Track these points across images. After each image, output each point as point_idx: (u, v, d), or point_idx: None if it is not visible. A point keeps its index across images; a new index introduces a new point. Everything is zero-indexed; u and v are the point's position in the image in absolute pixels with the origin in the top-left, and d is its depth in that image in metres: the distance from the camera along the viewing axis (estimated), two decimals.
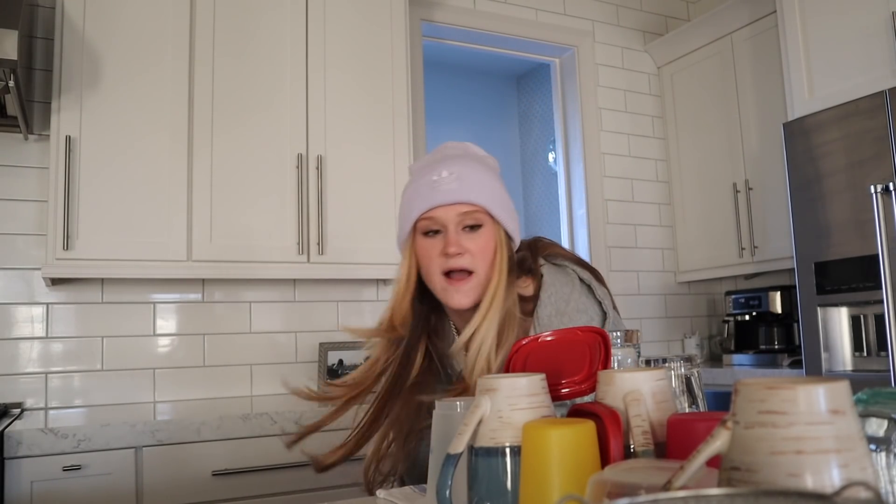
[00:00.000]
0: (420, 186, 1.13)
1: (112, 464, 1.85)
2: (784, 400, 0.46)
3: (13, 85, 1.95)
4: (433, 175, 1.11)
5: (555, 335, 0.83)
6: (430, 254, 1.12)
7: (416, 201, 1.13)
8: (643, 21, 3.74)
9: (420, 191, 1.12)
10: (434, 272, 1.12)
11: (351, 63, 2.62)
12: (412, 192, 1.14)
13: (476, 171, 1.13)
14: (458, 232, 1.11)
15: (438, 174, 1.11)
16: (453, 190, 1.10)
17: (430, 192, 1.11)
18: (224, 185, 2.37)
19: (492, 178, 1.15)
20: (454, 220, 1.11)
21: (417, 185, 1.14)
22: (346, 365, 2.68)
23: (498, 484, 0.68)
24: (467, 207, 1.11)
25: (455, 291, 1.11)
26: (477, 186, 1.11)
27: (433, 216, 1.11)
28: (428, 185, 1.11)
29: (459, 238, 1.11)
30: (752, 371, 3.05)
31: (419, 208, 1.12)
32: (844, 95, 2.55)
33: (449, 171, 1.11)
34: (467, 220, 1.11)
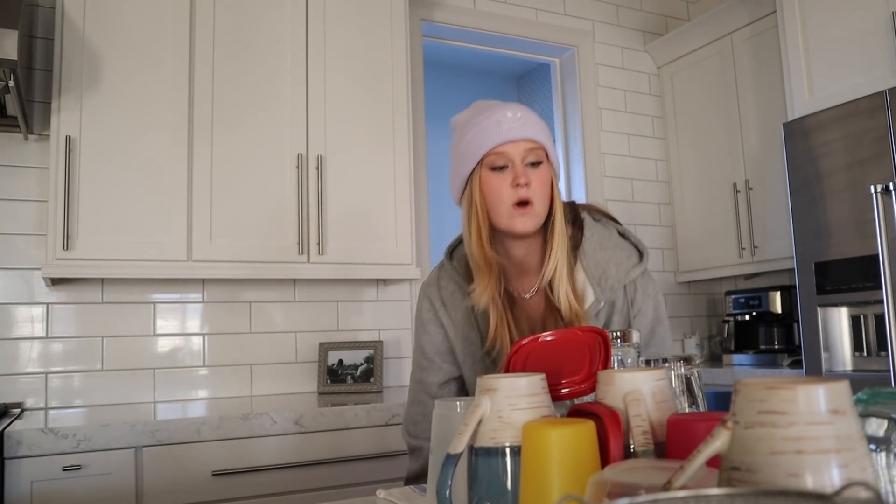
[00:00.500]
0: (487, 125, 1.21)
1: (112, 464, 1.85)
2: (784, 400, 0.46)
3: (13, 85, 1.95)
4: (498, 115, 1.20)
5: (555, 335, 0.83)
6: (500, 186, 1.20)
7: (483, 138, 1.20)
8: (643, 21, 3.74)
9: (487, 129, 1.20)
10: (504, 202, 1.20)
11: (351, 63, 2.62)
12: (477, 132, 1.21)
13: (533, 114, 1.24)
14: (524, 166, 1.20)
15: (503, 114, 1.20)
16: (520, 128, 1.20)
17: (498, 130, 1.19)
18: (224, 185, 2.37)
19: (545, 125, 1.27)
20: (520, 155, 1.20)
21: (483, 125, 1.21)
22: (345, 365, 2.68)
23: (498, 484, 0.68)
24: (532, 144, 1.21)
25: (521, 216, 1.20)
26: (538, 127, 1.23)
27: (502, 151, 1.20)
28: (495, 124, 1.20)
29: (527, 171, 1.20)
30: (752, 371, 3.05)
31: (488, 144, 1.20)
32: (844, 95, 2.55)
33: (513, 112, 1.21)
34: (531, 156, 1.21)
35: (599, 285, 1.26)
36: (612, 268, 1.27)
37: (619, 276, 1.26)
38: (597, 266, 1.27)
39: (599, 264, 1.27)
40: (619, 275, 1.27)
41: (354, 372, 2.68)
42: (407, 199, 2.64)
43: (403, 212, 2.63)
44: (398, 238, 2.62)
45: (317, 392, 2.67)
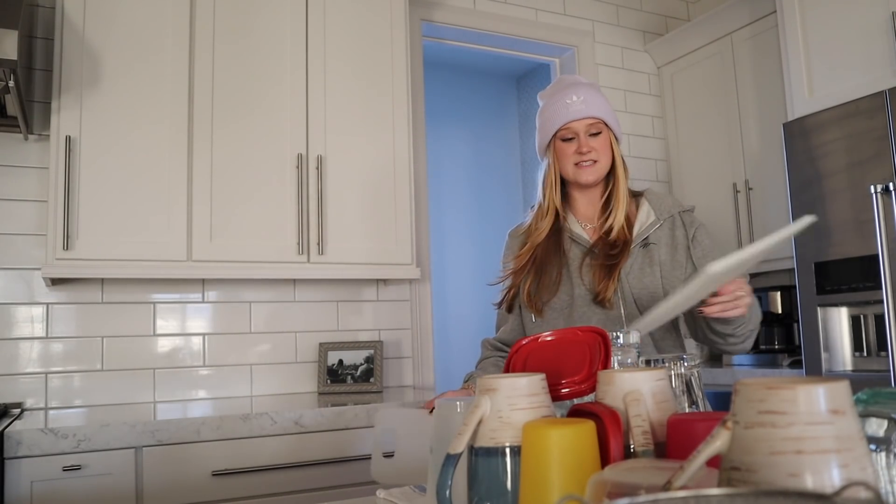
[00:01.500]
0: (557, 107, 1.62)
1: (112, 464, 1.85)
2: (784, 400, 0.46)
3: (13, 85, 1.95)
4: (566, 99, 1.61)
5: (555, 335, 0.83)
6: (567, 153, 1.62)
7: (555, 118, 1.61)
8: (643, 21, 3.74)
9: (559, 111, 1.61)
10: (568, 165, 1.62)
11: (351, 63, 2.62)
12: (551, 112, 1.63)
13: (594, 94, 1.63)
14: (586, 137, 1.60)
15: (570, 98, 1.60)
16: (582, 110, 1.59)
17: (566, 111, 1.60)
18: (224, 184, 2.37)
19: (605, 99, 1.65)
20: (583, 129, 1.60)
21: (554, 106, 1.62)
22: (346, 365, 2.68)
23: (498, 484, 0.68)
24: (592, 120, 1.60)
25: (583, 172, 1.61)
26: (597, 105, 1.61)
27: (569, 127, 1.60)
28: (564, 107, 1.60)
29: (588, 141, 1.60)
30: (752, 371, 3.05)
31: (559, 122, 1.60)
32: (844, 95, 2.55)
33: (577, 96, 1.60)
34: (592, 129, 1.60)
35: (659, 210, 1.64)
36: (668, 199, 1.67)
37: (674, 204, 1.66)
38: (658, 199, 1.67)
39: (659, 197, 1.68)
40: (675, 206, 1.66)
41: (354, 372, 2.68)
42: (407, 199, 2.64)
43: (403, 212, 2.63)
44: (398, 238, 2.62)
45: (317, 392, 2.67)
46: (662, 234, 1.62)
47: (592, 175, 1.61)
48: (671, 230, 1.63)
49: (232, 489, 1.97)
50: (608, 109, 1.65)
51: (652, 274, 1.57)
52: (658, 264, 1.58)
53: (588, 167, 1.61)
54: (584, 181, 1.62)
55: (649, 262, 1.58)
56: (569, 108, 1.60)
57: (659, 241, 1.61)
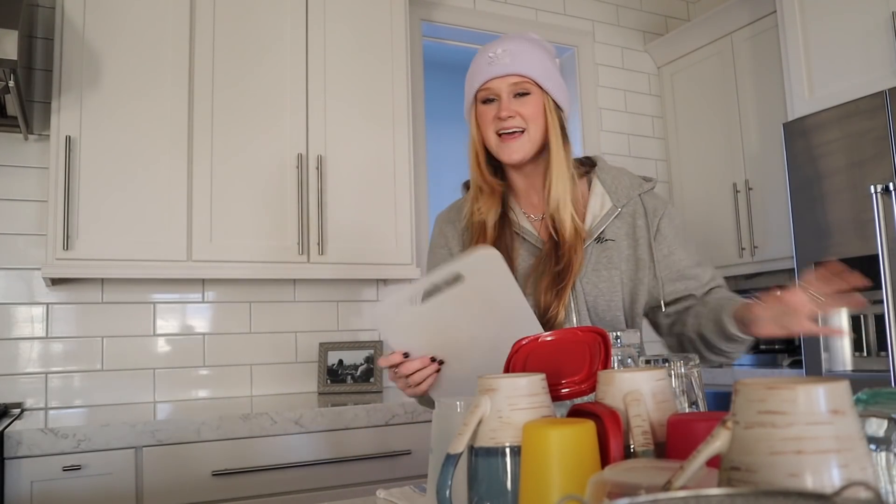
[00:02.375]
0: (479, 63, 1.32)
1: (112, 464, 1.85)
2: (784, 400, 0.46)
3: (13, 85, 1.95)
4: (489, 52, 1.32)
5: (555, 335, 0.83)
6: (487, 118, 1.32)
7: (475, 75, 1.33)
8: (643, 21, 3.74)
9: (479, 66, 1.32)
10: (490, 134, 1.32)
11: (351, 63, 2.62)
12: (473, 68, 1.34)
13: (526, 49, 1.32)
14: (509, 99, 1.29)
15: (494, 51, 1.31)
16: (506, 64, 1.29)
17: (487, 67, 1.30)
18: (224, 184, 2.37)
19: (542, 55, 1.33)
20: (506, 90, 1.30)
21: (477, 62, 1.33)
22: (345, 365, 2.68)
23: (498, 484, 0.68)
24: (517, 79, 1.29)
25: (506, 147, 1.30)
26: (527, 61, 1.30)
27: (489, 87, 1.30)
28: (485, 62, 1.31)
29: (511, 104, 1.29)
30: (752, 371, 3.05)
31: (478, 81, 1.32)
32: (844, 95, 2.55)
33: (503, 49, 1.30)
34: (517, 88, 1.30)
35: (615, 193, 1.35)
36: (625, 180, 1.38)
37: (632, 186, 1.37)
38: (612, 179, 1.37)
39: (615, 178, 1.38)
40: (633, 185, 1.37)
41: (354, 372, 2.68)
42: (407, 199, 2.64)
43: (403, 212, 2.63)
44: (398, 238, 2.61)
45: (317, 392, 2.67)
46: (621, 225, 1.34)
47: (518, 151, 1.29)
48: (632, 219, 1.35)
49: (232, 489, 1.97)
50: (544, 67, 1.32)
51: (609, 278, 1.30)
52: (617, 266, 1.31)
53: (511, 139, 1.28)
54: (507, 158, 1.30)
55: (606, 262, 1.31)
56: (490, 64, 1.30)
57: (618, 235, 1.33)
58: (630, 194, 1.36)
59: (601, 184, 1.37)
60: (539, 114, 1.30)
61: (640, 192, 1.37)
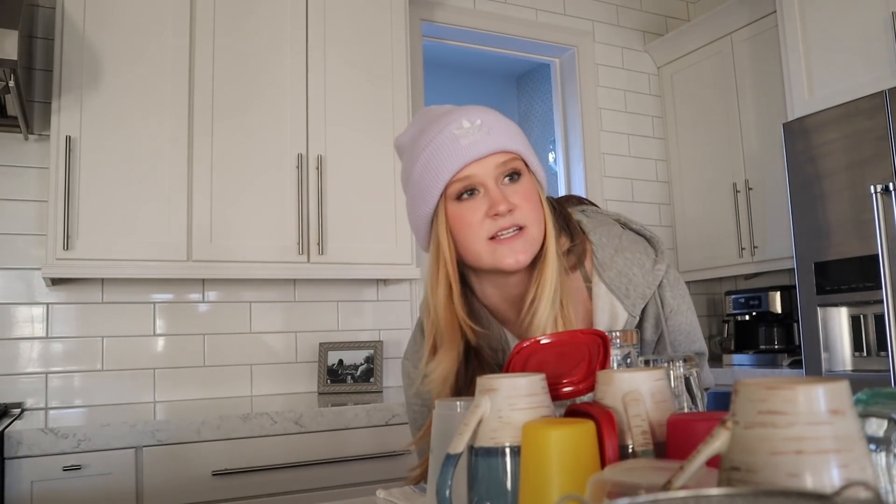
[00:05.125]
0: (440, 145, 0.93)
1: (112, 464, 1.85)
2: (784, 400, 0.46)
3: (13, 85, 1.95)
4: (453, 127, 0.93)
5: (554, 337, 0.83)
6: (472, 219, 0.94)
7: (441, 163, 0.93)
8: (643, 21, 3.74)
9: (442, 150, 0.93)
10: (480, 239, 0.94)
11: (351, 63, 2.62)
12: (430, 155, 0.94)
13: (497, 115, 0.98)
14: (499, 187, 0.94)
15: (460, 125, 0.93)
16: (484, 139, 0.93)
17: (457, 148, 0.92)
18: (224, 185, 2.37)
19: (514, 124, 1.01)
20: (492, 174, 0.94)
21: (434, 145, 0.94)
22: (345, 365, 2.68)
23: (498, 484, 0.68)
24: (504, 157, 0.94)
25: (509, 249, 0.93)
26: (506, 131, 0.96)
27: (468, 174, 0.93)
28: (451, 141, 0.92)
29: (505, 192, 0.94)
30: (752, 371, 3.05)
31: (448, 170, 0.92)
32: (844, 95, 2.55)
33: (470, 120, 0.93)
34: (506, 170, 0.95)
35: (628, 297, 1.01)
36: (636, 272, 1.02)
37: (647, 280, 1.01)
38: (620, 276, 1.02)
39: (623, 273, 1.02)
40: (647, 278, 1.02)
41: (354, 372, 2.68)
42: None
43: (403, 212, 2.62)
44: (398, 238, 2.61)
45: (317, 392, 2.67)
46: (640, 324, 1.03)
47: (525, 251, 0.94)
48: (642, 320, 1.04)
49: (232, 489, 1.97)
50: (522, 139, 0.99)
51: None
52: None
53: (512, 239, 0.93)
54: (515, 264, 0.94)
55: None
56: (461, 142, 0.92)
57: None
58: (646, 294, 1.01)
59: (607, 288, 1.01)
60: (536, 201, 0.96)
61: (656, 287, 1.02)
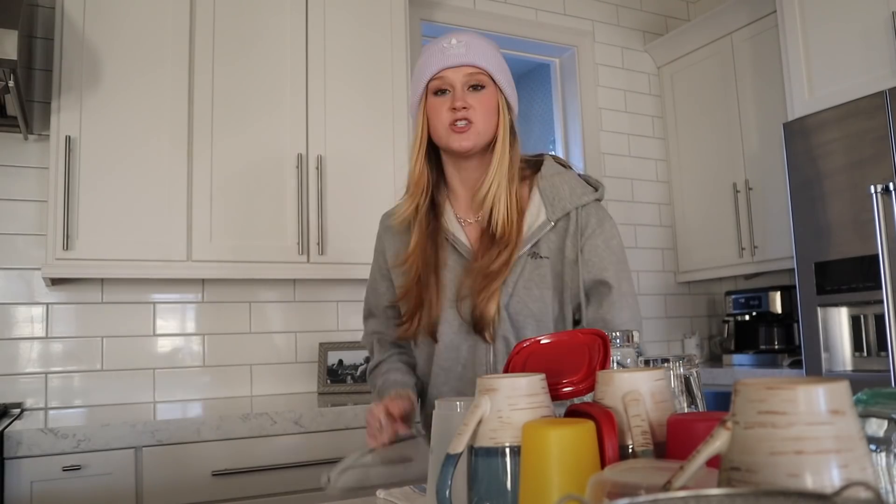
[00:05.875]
0: (432, 52, 1.28)
1: (112, 464, 1.85)
2: (784, 400, 0.46)
3: (13, 85, 1.95)
4: (444, 42, 1.27)
5: (554, 337, 0.83)
6: (440, 109, 1.26)
7: (428, 65, 1.27)
8: (643, 21, 3.74)
9: (433, 56, 1.27)
10: (442, 124, 1.27)
11: (351, 63, 2.62)
12: (425, 58, 1.29)
13: (481, 42, 1.29)
14: (464, 91, 1.26)
15: (448, 42, 1.27)
16: (461, 54, 1.25)
17: (441, 57, 1.26)
18: (224, 184, 2.37)
19: (495, 51, 1.31)
20: (461, 80, 1.26)
21: (430, 51, 1.28)
22: (345, 365, 2.68)
23: (498, 484, 0.68)
24: (472, 70, 1.26)
25: (457, 136, 1.25)
26: (482, 53, 1.27)
27: (443, 76, 1.26)
28: (439, 51, 1.26)
29: (465, 95, 1.25)
30: (752, 371, 3.05)
31: (431, 70, 1.26)
32: (844, 95, 2.55)
33: (458, 40, 1.27)
34: (472, 80, 1.26)
35: (552, 205, 1.28)
36: (565, 189, 1.29)
37: (571, 198, 1.28)
38: (552, 188, 1.30)
39: (554, 186, 1.30)
40: (573, 197, 1.29)
41: (354, 372, 2.68)
42: None
43: None
44: None
45: (317, 392, 2.67)
46: (554, 240, 1.27)
47: (468, 140, 1.24)
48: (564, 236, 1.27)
49: (232, 489, 1.96)
50: (498, 62, 1.29)
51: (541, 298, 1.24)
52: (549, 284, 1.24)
53: (463, 129, 1.24)
54: (458, 146, 1.25)
55: (539, 280, 1.24)
56: (444, 53, 1.25)
57: (551, 251, 1.26)
58: (566, 206, 1.27)
59: (539, 192, 1.29)
60: (493, 109, 1.27)
61: (578, 206, 1.28)
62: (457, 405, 0.81)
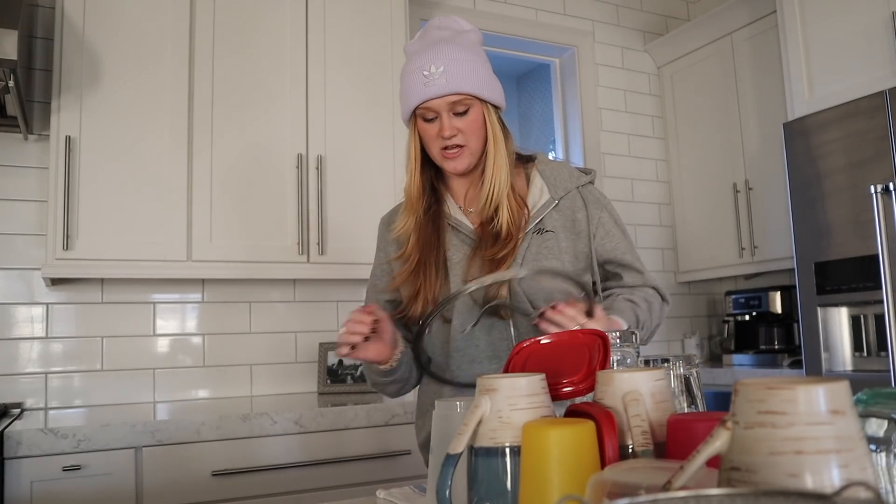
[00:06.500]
0: (414, 82, 1.31)
1: (112, 464, 1.85)
2: (784, 400, 0.46)
3: (13, 85, 1.95)
4: (424, 70, 1.30)
5: (554, 337, 0.83)
6: (430, 135, 1.34)
7: (412, 94, 1.31)
8: (643, 21, 3.74)
9: (415, 85, 1.31)
10: (435, 149, 1.34)
11: (351, 63, 2.62)
12: (407, 84, 1.33)
13: (458, 59, 1.30)
14: (450, 117, 1.30)
15: (429, 69, 1.29)
16: (442, 84, 1.28)
17: (423, 87, 1.29)
18: (224, 184, 2.37)
19: (475, 61, 1.33)
20: (445, 108, 1.30)
21: (412, 79, 1.32)
22: (345, 365, 2.68)
23: (498, 484, 0.68)
24: (455, 97, 1.29)
25: (451, 160, 1.33)
26: (462, 76, 1.29)
27: (428, 106, 1.30)
28: (421, 81, 1.30)
29: (452, 122, 1.30)
30: (752, 371, 3.05)
31: (415, 100, 1.31)
32: (844, 95, 2.55)
33: (436, 67, 1.29)
34: (457, 107, 1.30)
35: (554, 185, 1.37)
36: (564, 172, 1.40)
37: (571, 179, 1.39)
38: (551, 171, 1.40)
39: (554, 169, 1.40)
40: (572, 178, 1.39)
41: (354, 372, 2.68)
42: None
43: None
44: None
45: (317, 392, 2.67)
46: (559, 217, 1.36)
47: (461, 163, 1.33)
48: (571, 213, 1.37)
49: (232, 489, 1.97)
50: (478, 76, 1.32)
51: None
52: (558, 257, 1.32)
53: (454, 155, 1.32)
54: (452, 170, 1.34)
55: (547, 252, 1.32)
56: (426, 84, 1.29)
57: (556, 227, 1.35)
58: (568, 186, 1.38)
59: (540, 175, 1.39)
60: (479, 127, 1.33)
61: (579, 185, 1.39)
62: (457, 405, 0.81)
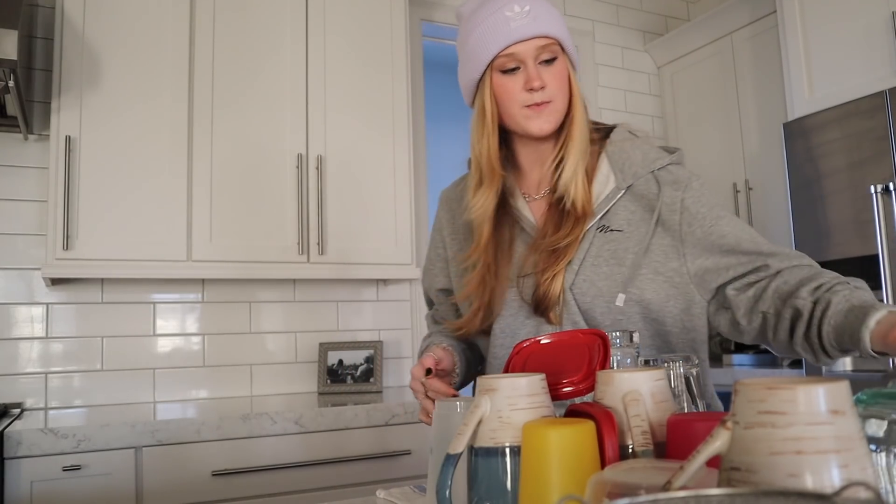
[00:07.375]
0: (495, 23, 1.10)
1: (112, 464, 1.85)
2: (784, 400, 0.46)
3: (13, 85, 1.94)
4: (506, 10, 1.10)
5: (554, 337, 0.83)
6: (512, 89, 1.12)
7: (491, 38, 1.11)
8: (643, 21, 3.74)
9: (496, 27, 1.10)
10: (516, 106, 1.13)
11: (351, 63, 2.62)
12: (484, 29, 1.12)
13: (545, 3, 1.14)
14: (536, 66, 1.11)
15: (511, 9, 1.10)
16: (529, 24, 1.09)
17: (507, 29, 1.09)
18: (224, 184, 2.37)
19: (559, 11, 1.17)
20: (532, 55, 1.11)
21: (489, 22, 1.11)
22: (345, 365, 2.68)
23: (498, 484, 0.68)
24: (544, 41, 1.11)
25: (537, 117, 1.12)
26: (550, 18, 1.12)
27: (512, 52, 1.10)
28: (503, 22, 1.09)
29: (540, 72, 1.11)
30: (752, 371, 3.05)
31: (496, 45, 1.10)
32: (844, 95, 2.55)
33: (521, 6, 1.10)
34: (545, 53, 1.11)
35: (622, 171, 1.15)
36: (637, 155, 1.17)
37: (644, 163, 1.15)
38: (621, 152, 1.17)
39: (624, 150, 1.18)
40: (646, 162, 1.15)
41: (354, 372, 2.68)
42: (407, 199, 2.64)
43: (403, 212, 2.63)
44: (398, 238, 2.62)
45: (317, 392, 2.67)
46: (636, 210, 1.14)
47: (549, 122, 1.12)
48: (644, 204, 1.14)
49: (232, 489, 1.96)
50: (564, 25, 1.15)
51: (611, 276, 1.10)
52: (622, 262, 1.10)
53: (543, 109, 1.11)
54: (538, 130, 1.13)
55: (608, 255, 1.11)
56: (510, 24, 1.09)
57: (630, 223, 1.13)
58: (639, 172, 1.14)
59: (608, 158, 1.17)
60: (565, 82, 1.14)
61: (654, 170, 1.15)
62: (457, 405, 0.81)
